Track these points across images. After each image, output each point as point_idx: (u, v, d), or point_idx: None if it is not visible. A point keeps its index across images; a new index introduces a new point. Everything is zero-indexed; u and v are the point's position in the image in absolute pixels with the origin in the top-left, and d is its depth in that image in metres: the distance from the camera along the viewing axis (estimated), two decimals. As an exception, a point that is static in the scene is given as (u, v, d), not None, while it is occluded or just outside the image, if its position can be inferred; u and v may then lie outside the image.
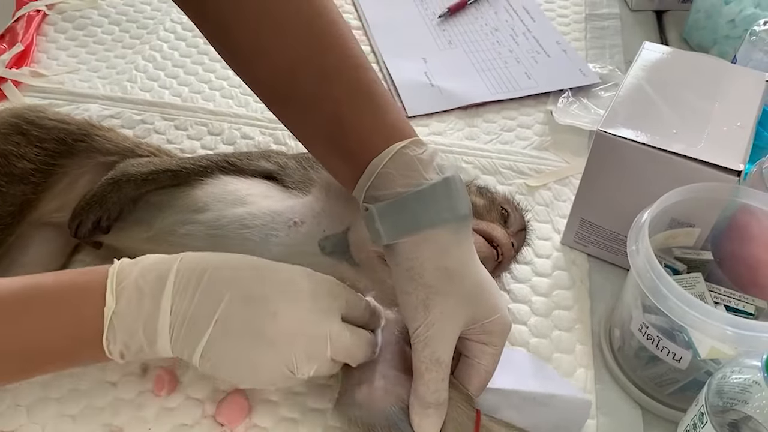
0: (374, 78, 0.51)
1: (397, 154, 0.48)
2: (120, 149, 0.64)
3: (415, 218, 0.47)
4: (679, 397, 0.54)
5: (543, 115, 0.84)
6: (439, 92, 0.86)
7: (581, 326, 0.62)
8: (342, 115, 0.50)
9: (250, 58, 0.53)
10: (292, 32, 0.50)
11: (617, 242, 0.65)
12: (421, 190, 0.47)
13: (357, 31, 0.97)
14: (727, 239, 0.60)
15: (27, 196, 0.60)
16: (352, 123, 0.50)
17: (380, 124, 0.50)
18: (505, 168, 0.77)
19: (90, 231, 0.59)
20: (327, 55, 0.51)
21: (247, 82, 0.55)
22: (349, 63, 0.51)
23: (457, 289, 0.47)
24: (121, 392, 0.56)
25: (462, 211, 0.48)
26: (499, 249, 0.57)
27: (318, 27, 0.51)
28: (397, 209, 0.47)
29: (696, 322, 0.48)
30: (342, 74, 0.51)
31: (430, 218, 0.47)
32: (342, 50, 0.51)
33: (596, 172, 0.62)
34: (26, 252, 0.61)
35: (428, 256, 0.47)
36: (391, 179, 0.48)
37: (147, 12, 0.99)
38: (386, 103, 0.51)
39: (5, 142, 0.61)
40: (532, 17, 0.99)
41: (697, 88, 0.63)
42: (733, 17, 0.86)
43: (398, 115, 0.51)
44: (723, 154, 0.56)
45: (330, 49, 0.51)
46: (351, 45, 0.52)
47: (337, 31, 0.51)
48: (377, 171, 0.48)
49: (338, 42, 0.51)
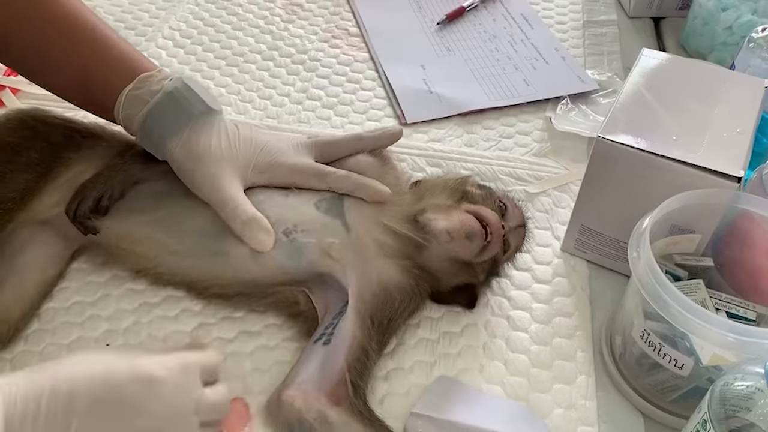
0: (110, 34, 0.61)
1: (129, 96, 0.59)
2: (129, 145, 0.65)
3: (160, 134, 0.58)
4: (681, 404, 0.54)
5: (542, 121, 0.85)
6: (438, 99, 0.86)
7: (582, 333, 0.62)
8: (88, 74, 0.60)
9: (3, 38, 0.59)
10: (32, 6, 0.58)
11: (617, 249, 0.65)
12: (150, 110, 0.58)
13: (356, 38, 0.97)
14: (728, 245, 0.60)
15: (29, 184, 0.60)
16: (97, 78, 0.60)
17: (117, 72, 0.60)
18: (504, 174, 0.77)
19: (89, 210, 0.59)
20: (67, 19, 0.59)
21: (8, 65, 0.63)
22: (86, 22, 0.60)
23: (209, 159, 0.58)
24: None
25: (196, 110, 0.59)
26: (488, 228, 0.57)
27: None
28: (146, 134, 0.59)
29: (697, 328, 0.48)
30: (82, 34, 0.60)
31: (170, 129, 0.58)
32: (76, 12, 0.60)
33: (596, 179, 0.62)
34: (25, 255, 0.61)
35: (180, 155, 0.58)
36: (136, 109, 0.59)
37: (145, 19, 0.99)
38: (120, 52, 0.61)
39: (12, 134, 0.62)
40: (530, 24, 0.99)
41: (697, 95, 0.63)
42: (730, 24, 0.86)
43: (131, 58, 0.61)
44: (723, 160, 0.56)
45: (65, 12, 0.59)
46: (80, 5, 0.61)
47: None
48: (121, 115, 0.59)
49: (69, 5, 0.60)
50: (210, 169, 0.58)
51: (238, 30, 0.98)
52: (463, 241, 0.57)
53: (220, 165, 0.58)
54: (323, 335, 0.56)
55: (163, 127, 0.58)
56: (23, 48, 0.60)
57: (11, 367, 0.58)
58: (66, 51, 0.59)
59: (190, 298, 0.63)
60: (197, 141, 0.58)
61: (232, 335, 0.61)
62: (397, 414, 0.55)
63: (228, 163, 0.59)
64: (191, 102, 0.59)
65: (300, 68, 0.92)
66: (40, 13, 0.58)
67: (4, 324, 0.58)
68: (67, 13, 0.59)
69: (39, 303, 0.62)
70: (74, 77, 0.60)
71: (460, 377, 0.59)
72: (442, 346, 0.61)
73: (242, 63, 0.92)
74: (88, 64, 0.60)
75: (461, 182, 0.64)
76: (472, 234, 0.57)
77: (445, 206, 0.60)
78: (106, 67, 0.60)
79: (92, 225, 0.60)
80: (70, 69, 0.60)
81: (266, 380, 0.57)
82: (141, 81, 0.59)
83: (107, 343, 0.60)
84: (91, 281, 0.64)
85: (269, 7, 1.02)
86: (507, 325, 0.63)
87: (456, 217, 0.58)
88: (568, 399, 0.57)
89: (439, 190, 0.63)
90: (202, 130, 0.59)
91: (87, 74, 0.60)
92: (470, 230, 0.57)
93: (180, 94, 0.59)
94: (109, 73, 0.60)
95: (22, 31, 0.59)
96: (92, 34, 0.60)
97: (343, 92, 0.89)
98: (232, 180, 0.58)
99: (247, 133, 0.62)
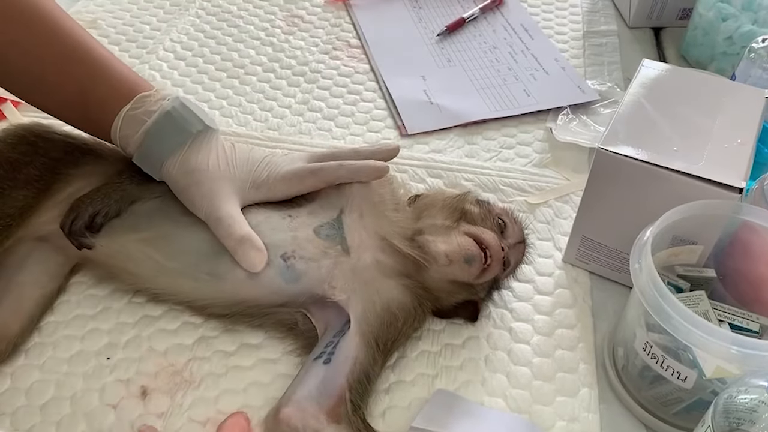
0: (106, 55, 0.61)
1: (126, 117, 0.59)
2: (127, 161, 0.64)
3: (158, 153, 0.58)
4: (684, 416, 0.54)
5: (542, 132, 0.85)
6: (439, 110, 0.87)
7: (584, 345, 0.62)
8: (85, 95, 0.60)
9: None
10: (23, 24, 0.58)
11: (619, 260, 0.65)
12: (147, 130, 0.58)
13: (356, 49, 0.98)
14: (730, 256, 0.60)
15: (28, 200, 0.60)
16: (93, 98, 0.60)
17: (114, 93, 0.60)
18: (505, 185, 0.77)
19: (84, 226, 0.59)
20: (62, 41, 0.59)
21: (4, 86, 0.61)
22: (82, 43, 0.60)
23: (206, 176, 0.58)
24: (121, 414, 0.56)
25: (194, 129, 0.59)
26: (488, 251, 0.57)
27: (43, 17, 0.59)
28: (144, 153, 0.59)
29: (701, 341, 0.47)
30: (78, 54, 0.60)
31: (168, 148, 0.58)
32: (71, 33, 0.60)
33: (597, 190, 0.62)
34: (23, 271, 0.61)
35: (177, 173, 0.58)
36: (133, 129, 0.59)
37: (146, 32, 1.00)
38: (117, 73, 0.61)
39: (12, 150, 0.62)
40: (530, 35, 1.00)
41: (697, 105, 0.63)
42: (730, 34, 0.86)
43: (127, 79, 0.61)
44: (724, 171, 0.56)
45: (61, 34, 0.59)
46: (75, 26, 0.61)
47: (59, 18, 0.60)
48: (118, 135, 0.60)
49: (64, 26, 0.60)
50: (206, 187, 0.58)
51: (239, 42, 0.98)
52: (462, 265, 0.57)
53: (216, 182, 0.58)
54: (323, 354, 0.56)
55: (161, 146, 0.59)
56: (18, 68, 0.60)
57: (11, 381, 0.58)
58: (62, 72, 0.60)
59: (191, 312, 0.63)
60: (195, 159, 0.58)
61: (233, 348, 0.61)
62: (398, 427, 0.55)
63: (225, 181, 0.59)
64: (188, 121, 0.59)
65: (301, 80, 0.92)
66: (35, 33, 0.59)
67: (3, 340, 0.58)
68: (64, 34, 0.60)
69: (38, 318, 0.61)
70: (70, 98, 0.61)
71: (462, 390, 0.58)
72: (443, 359, 0.60)
73: (243, 75, 0.92)
74: (84, 85, 0.60)
75: (460, 200, 0.63)
76: (471, 258, 0.57)
77: (443, 227, 0.60)
78: (102, 87, 0.60)
79: (86, 241, 0.60)
80: (66, 90, 0.60)
81: (267, 393, 0.57)
82: (138, 101, 0.59)
83: (108, 356, 0.60)
84: (92, 294, 0.64)
85: (270, 19, 1.03)
86: (509, 337, 0.63)
87: (455, 241, 0.58)
88: (570, 412, 0.57)
89: (437, 209, 0.62)
90: (200, 149, 0.59)
91: (83, 95, 0.60)
92: (469, 255, 0.57)
93: (177, 114, 0.59)
94: (105, 93, 0.60)
95: (17, 52, 0.59)
96: (88, 55, 0.60)
97: (344, 104, 0.89)
98: (228, 198, 0.58)
99: (244, 151, 0.62)
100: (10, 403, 0.56)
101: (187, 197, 0.59)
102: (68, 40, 0.60)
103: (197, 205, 0.58)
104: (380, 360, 0.57)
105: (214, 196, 0.57)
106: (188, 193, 0.58)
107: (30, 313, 0.60)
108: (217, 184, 0.58)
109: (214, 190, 0.58)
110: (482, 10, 1.04)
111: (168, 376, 0.58)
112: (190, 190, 0.58)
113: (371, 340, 0.56)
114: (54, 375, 0.58)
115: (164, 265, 0.59)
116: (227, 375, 0.59)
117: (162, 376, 0.58)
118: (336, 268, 0.58)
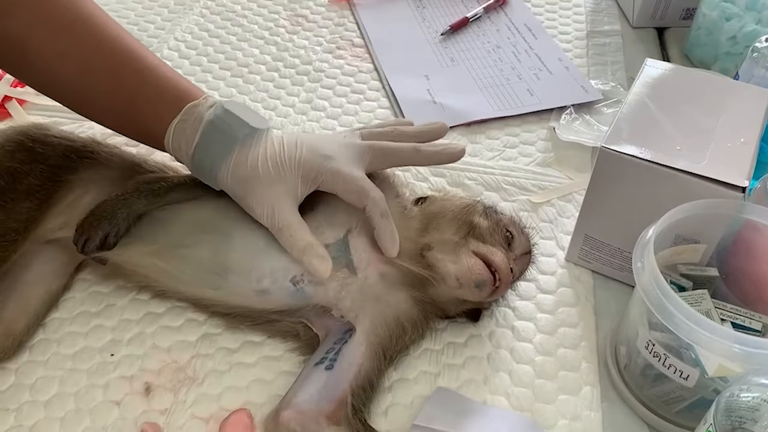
0: (155, 62, 0.60)
1: (177, 130, 0.59)
2: (126, 164, 0.65)
3: (209, 165, 0.58)
4: (686, 415, 0.54)
5: (546, 131, 0.85)
6: (442, 109, 0.87)
7: (587, 344, 0.62)
8: (136, 103, 0.59)
9: (46, 67, 0.58)
10: (73, 35, 0.58)
11: (622, 259, 0.65)
12: (197, 143, 0.58)
13: (360, 48, 0.98)
14: (733, 255, 0.60)
15: (31, 213, 0.60)
16: (144, 108, 0.59)
17: (164, 102, 0.59)
18: (508, 184, 0.77)
19: (97, 247, 0.59)
20: (111, 50, 0.59)
21: (46, 92, 0.61)
22: (131, 51, 0.60)
23: (258, 183, 0.57)
24: (125, 411, 0.56)
25: (240, 134, 0.58)
26: (497, 274, 0.56)
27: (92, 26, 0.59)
28: (196, 166, 0.59)
29: (703, 339, 0.48)
30: (127, 63, 0.59)
31: (217, 158, 0.57)
32: (120, 41, 0.59)
33: (600, 189, 0.62)
34: (29, 270, 0.61)
35: (232, 182, 0.58)
36: (184, 142, 0.59)
37: (150, 30, 1.00)
38: (165, 80, 0.60)
39: (11, 159, 0.61)
40: (533, 34, 1.00)
41: (700, 105, 0.63)
42: (734, 34, 0.86)
43: (177, 87, 0.60)
44: (727, 170, 0.56)
45: (110, 43, 0.59)
46: (123, 33, 0.60)
47: (108, 26, 0.60)
48: (170, 146, 0.59)
49: (112, 34, 0.59)
50: (261, 194, 0.57)
51: (242, 41, 0.98)
52: (472, 289, 0.56)
53: (270, 189, 0.57)
54: (324, 359, 0.56)
55: (210, 158, 0.58)
56: (69, 80, 0.59)
57: (16, 377, 0.58)
58: (112, 82, 0.59)
59: (195, 309, 0.63)
60: (245, 165, 0.57)
61: (236, 345, 0.61)
62: (401, 425, 0.55)
63: (278, 185, 0.57)
64: (233, 127, 0.58)
65: (304, 79, 0.92)
66: (85, 44, 0.58)
67: (9, 336, 0.58)
68: (112, 43, 0.59)
69: (43, 315, 0.62)
70: (121, 107, 0.60)
71: (465, 388, 0.58)
72: (446, 357, 0.61)
73: (247, 74, 0.93)
74: (134, 95, 0.59)
75: (468, 211, 0.61)
76: (482, 283, 0.56)
77: (452, 242, 0.58)
78: (152, 96, 0.59)
79: (100, 257, 0.60)
80: (117, 100, 0.59)
81: (270, 391, 0.57)
82: (187, 112, 0.59)
83: (112, 353, 0.60)
84: (96, 291, 0.65)
85: (274, 18, 1.03)
86: (511, 335, 0.63)
87: (465, 262, 0.56)
88: (572, 410, 0.57)
89: (446, 221, 0.60)
90: (249, 153, 0.57)
91: (134, 105, 0.59)
92: (479, 280, 0.56)
93: (220, 122, 0.58)
94: (156, 102, 0.59)
95: (68, 64, 0.58)
96: (137, 63, 0.59)
97: (347, 102, 0.89)
98: (284, 203, 0.57)
99: (292, 145, 0.59)
100: (15, 399, 0.57)
101: (247, 205, 0.58)
102: (117, 49, 0.59)
103: (257, 213, 0.57)
104: (385, 369, 0.57)
105: (272, 204, 0.57)
106: (246, 201, 0.58)
107: (35, 310, 0.61)
108: (271, 190, 0.57)
109: (270, 197, 0.57)
110: (486, 10, 1.04)
111: (171, 373, 0.59)
112: (247, 199, 0.57)
113: (378, 351, 0.56)
114: (58, 371, 0.59)
115: (171, 273, 0.59)
116: (230, 372, 0.59)
117: (165, 372, 0.59)
118: (343, 290, 0.58)
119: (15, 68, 0.60)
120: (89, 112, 0.62)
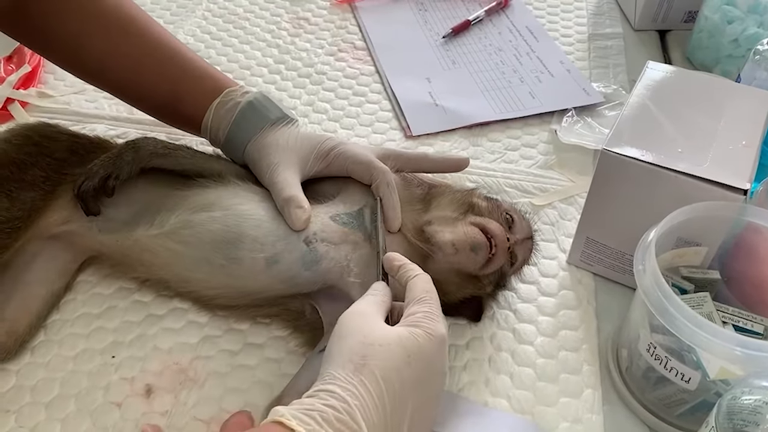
0: (193, 57, 0.67)
1: (216, 110, 0.65)
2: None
3: (241, 138, 0.64)
4: (688, 418, 0.54)
5: (547, 134, 0.85)
6: (444, 112, 0.87)
7: (588, 346, 0.62)
8: (178, 93, 0.66)
9: (100, 63, 0.66)
10: (122, 33, 0.65)
11: (623, 261, 0.65)
12: (234, 119, 0.64)
13: (362, 51, 0.98)
14: (735, 258, 0.60)
15: (36, 202, 0.60)
16: (185, 96, 0.66)
17: (204, 90, 0.66)
18: (509, 187, 0.77)
19: (96, 188, 0.59)
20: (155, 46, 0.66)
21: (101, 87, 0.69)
22: (172, 47, 0.67)
23: (275, 148, 0.63)
24: (125, 412, 0.56)
25: (273, 115, 0.65)
26: (493, 240, 0.57)
27: (138, 26, 0.66)
28: (229, 139, 0.65)
29: (705, 342, 0.47)
30: (170, 58, 0.66)
31: (250, 132, 0.64)
32: (162, 38, 0.66)
33: (601, 191, 0.62)
34: (32, 269, 0.61)
35: (252, 150, 0.64)
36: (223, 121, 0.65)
37: (153, 33, 1.00)
38: (204, 72, 0.67)
39: (18, 151, 0.62)
40: (535, 37, 1.00)
41: (702, 107, 0.63)
42: (735, 37, 0.86)
43: (213, 77, 0.67)
44: (729, 172, 0.56)
45: (153, 39, 0.66)
46: (162, 30, 0.67)
47: (149, 24, 0.67)
48: (209, 127, 0.66)
49: (154, 31, 0.66)
50: (272, 159, 0.62)
51: (245, 44, 0.98)
52: (468, 254, 0.57)
53: (281, 154, 0.63)
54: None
55: (244, 132, 0.64)
56: (117, 75, 0.66)
57: (17, 378, 0.58)
58: (156, 74, 0.66)
59: (196, 309, 0.63)
60: (269, 138, 0.63)
61: (238, 348, 0.61)
62: (402, 427, 0.55)
63: (290, 152, 0.63)
64: (269, 109, 0.65)
65: (306, 81, 0.92)
66: (131, 43, 0.65)
67: (11, 336, 0.59)
68: (155, 39, 0.66)
69: (46, 315, 0.62)
70: (164, 97, 0.67)
71: (466, 390, 0.58)
72: (447, 359, 0.60)
73: (249, 76, 0.93)
74: (176, 85, 0.66)
75: (468, 194, 0.64)
76: (477, 246, 0.57)
77: (451, 218, 0.60)
78: (193, 85, 0.66)
79: (94, 206, 0.60)
80: (160, 90, 0.66)
81: (271, 393, 0.57)
82: (227, 95, 0.65)
83: (113, 355, 0.60)
84: (98, 293, 0.65)
85: (276, 21, 1.03)
86: (513, 338, 0.63)
87: (461, 230, 0.58)
88: (574, 413, 0.57)
89: (446, 202, 0.63)
90: (275, 131, 0.64)
91: (175, 94, 0.66)
92: (475, 242, 0.57)
93: (259, 103, 0.65)
94: (196, 91, 0.66)
95: (116, 60, 0.65)
96: (179, 57, 0.66)
97: (349, 105, 0.89)
98: (288, 166, 0.62)
99: (316, 134, 0.66)
100: (16, 401, 0.57)
101: (257, 169, 0.63)
102: (160, 45, 0.66)
103: (263, 173, 0.62)
104: None
105: (278, 164, 0.62)
106: (259, 165, 0.63)
107: (37, 310, 0.61)
108: (282, 155, 0.62)
109: (279, 160, 0.62)
110: (487, 13, 1.04)
111: (172, 375, 0.59)
112: (261, 162, 0.63)
113: None
114: (59, 373, 0.59)
115: (182, 252, 0.59)
116: (231, 374, 0.59)
117: (166, 374, 0.59)
118: (354, 252, 0.58)
119: (69, 64, 0.67)
120: (135, 102, 0.70)
